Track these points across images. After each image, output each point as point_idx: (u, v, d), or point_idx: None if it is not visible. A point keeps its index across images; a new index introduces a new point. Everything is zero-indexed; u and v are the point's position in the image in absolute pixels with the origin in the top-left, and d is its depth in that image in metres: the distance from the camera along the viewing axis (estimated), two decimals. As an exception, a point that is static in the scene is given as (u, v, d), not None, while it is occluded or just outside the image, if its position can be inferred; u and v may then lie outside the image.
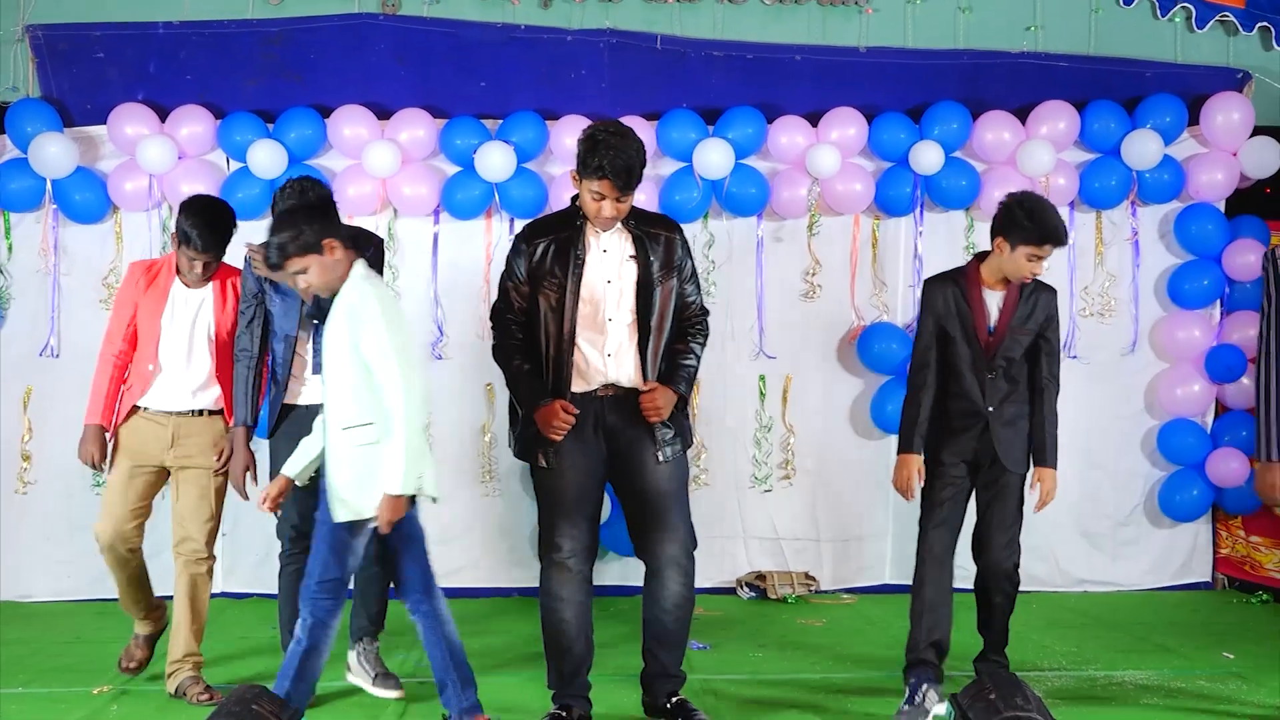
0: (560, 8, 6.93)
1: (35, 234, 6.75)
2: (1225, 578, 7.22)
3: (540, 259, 4.47)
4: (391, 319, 4.08)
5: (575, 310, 4.43)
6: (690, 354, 4.59)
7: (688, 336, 4.61)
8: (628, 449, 4.48)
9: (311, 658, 4.12)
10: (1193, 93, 7.02)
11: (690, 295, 4.61)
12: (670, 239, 4.54)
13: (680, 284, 4.55)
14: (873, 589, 7.09)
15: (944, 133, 6.84)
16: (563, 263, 4.44)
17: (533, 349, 4.50)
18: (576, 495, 4.46)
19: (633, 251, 4.48)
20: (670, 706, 4.55)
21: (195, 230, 4.88)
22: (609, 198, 4.35)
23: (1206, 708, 4.89)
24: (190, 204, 5.00)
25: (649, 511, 4.50)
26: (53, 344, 6.71)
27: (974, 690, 3.83)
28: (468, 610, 6.55)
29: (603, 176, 4.31)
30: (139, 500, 5.05)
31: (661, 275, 4.48)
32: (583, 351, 4.45)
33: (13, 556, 6.74)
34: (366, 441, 4.06)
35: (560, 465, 4.43)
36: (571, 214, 4.54)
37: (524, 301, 4.51)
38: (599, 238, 4.49)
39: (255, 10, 6.83)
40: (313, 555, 4.24)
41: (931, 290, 5.02)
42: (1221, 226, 7.00)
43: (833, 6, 7.02)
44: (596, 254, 4.47)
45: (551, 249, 4.47)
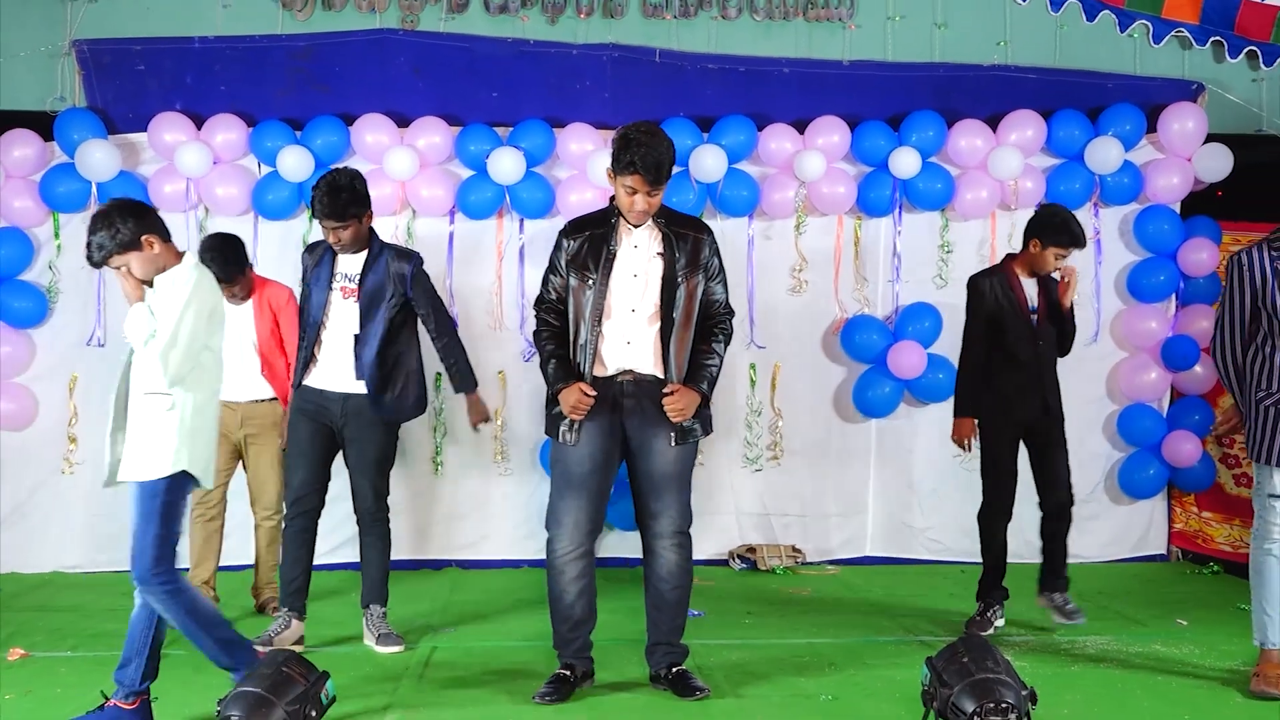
0: (566, 24, 6.93)
1: (82, 233, 6.61)
2: (1179, 550, 7.24)
3: (577, 251, 4.50)
4: (199, 308, 4.00)
5: (603, 299, 4.45)
6: (713, 354, 4.57)
7: (711, 337, 4.58)
8: (640, 432, 4.49)
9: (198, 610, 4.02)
10: (1151, 103, 7.03)
11: (716, 293, 4.59)
12: (699, 239, 4.54)
13: (706, 282, 4.54)
14: (854, 560, 7.11)
15: (921, 140, 6.84)
16: (595, 256, 4.47)
17: (565, 335, 4.53)
18: (588, 472, 4.47)
19: (660, 249, 4.49)
20: (671, 677, 4.56)
21: (212, 265, 5.12)
22: (640, 192, 4.37)
23: (1162, 670, 4.91)
24: (206, 245, 5.55)
25: (652, 490, 4.52)
26: (98, 334, 6.72)
27: (948, 654, 3.85)
28: (480, 580, 6.60)
29: (634, 171, 4.33)
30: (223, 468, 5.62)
31: (686, 272, 4.48)
32: (606, 338, 4.46)
33: (60, 531, 6.75)
34: (165, 409, 3.98)
35: (577, 443, 4.45)
36: (609, 212, 4.56)
37: (562, 291, 4.53)
38: (631, 234, 4.50)
39: (285, 26, 6.84)
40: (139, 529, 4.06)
41: (978, 283, 5.61)
42: (1177, 227, 7.00)
43: (818, 23, 7.02)
44: (627, 249, 4.49)
45: (587, 243, 4.50)
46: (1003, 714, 3.59)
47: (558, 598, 4.54)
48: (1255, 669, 4.61)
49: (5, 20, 6.73)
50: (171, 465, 3.99)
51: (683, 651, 4.64)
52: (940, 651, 3.90)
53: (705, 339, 4.58)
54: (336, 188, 4.96)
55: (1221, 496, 7.15)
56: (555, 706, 4.38)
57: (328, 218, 4.96)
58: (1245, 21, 6.94)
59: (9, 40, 6.75)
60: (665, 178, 4.40)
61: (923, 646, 4.98)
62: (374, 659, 5.04)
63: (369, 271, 5.09)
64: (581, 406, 4.41)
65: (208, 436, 4.11)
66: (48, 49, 6.76)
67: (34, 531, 6.74)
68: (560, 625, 4.56)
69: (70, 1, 6.74)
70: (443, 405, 6.88)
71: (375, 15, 6.85)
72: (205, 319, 4.05)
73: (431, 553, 6.90)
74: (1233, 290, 4.58)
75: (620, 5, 6.93)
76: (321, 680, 3.71)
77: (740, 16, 6.99)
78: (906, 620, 5.76)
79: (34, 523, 6.74)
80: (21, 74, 6.76)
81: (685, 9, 6.96)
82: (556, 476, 4.56)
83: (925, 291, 7.06)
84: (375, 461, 5.19)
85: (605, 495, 4.56)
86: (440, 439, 6.90)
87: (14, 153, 6.59)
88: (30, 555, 6.72)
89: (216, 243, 5.59)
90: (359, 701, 4.33)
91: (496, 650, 5.14)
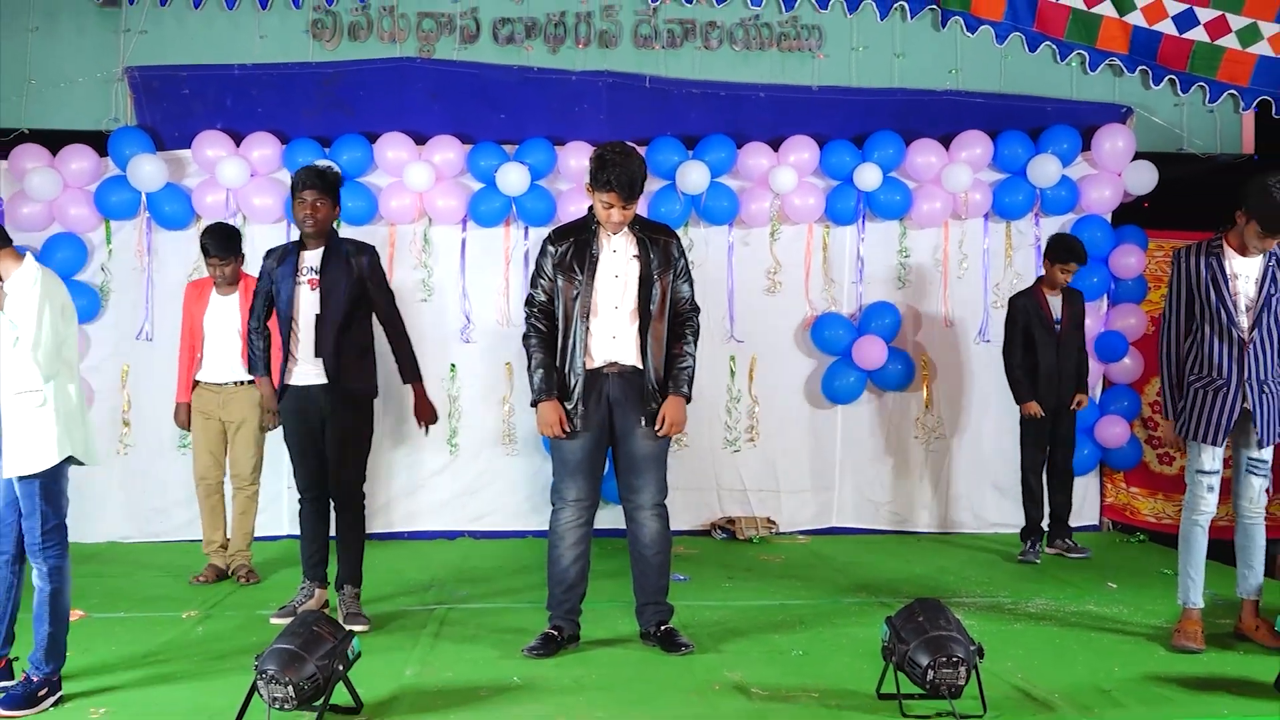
0: (566, 53, 6.92)
1: (132, 239, 6.73)
2: (1110, 521, 7.25)
3: (562, 256, 4.47)
4: (53, 305, 3.82)
5: (589, 299, 4.43)
6: (686, 356, 4.53)
7: (681, 338, 4.54)
8: (623, 419, 4.48)
9: (60, 598, 3.88)
10: (1085, 124, 7.04)
11: (682, 291, 4.56)
12: (668, 242, 4.54)
13: (674, 280, 4.52)
14: (822, 531, 7.10)
15: (882, 157, 6.84)
16: (580, 259, 4.45)
17: (552, 337, 4.50)
18: (582, 457, 4.47)
19: (636, 252, 4.47)
20: (659, 634, 4.56)
21: (210, 242, 5.62)
22: (616, 206, 4.37)
23: (1095, 627, 4.91)
24: (206, 229, 5.79)
25: (633, 469, 4.51)
26: (147, 329, 6.70)
27: (905, 614, 3.84)
28: (489, 549, 6.59)
29: (610, 189, 4.32)
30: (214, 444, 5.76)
31: (660, 271, 4.46)
32: (593, 334, 4.45)
33: (114, 506, 6.74)
34: (36, 405, 3.80)
35: (573, 432, 4.44)
36: (588, 220, 4.54)
37: (549, 293, 4.50)
38: (610, 240, 4.48)
39: (314, 55, 6.82)
40: (27, 514, 3.84)
41: (1015, 303, 6.36)
42: (1108, 234, 7.01)
43: (790, 53, 7.02)
44: (608, 253, 4.47)
45: (572, 248, 4.47)
46: (954, 667, 3.60)
47: (555, 562, 4.54)
48: (1177, 626, 4.63)
49: (66, 49, 6.72)
50: (57, 455, 3.84)
51: (669, 610, 4.63)
52: (898, 611, 3.90)
53: (677, 340, 4.54)
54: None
55: (1147, 474, 7.17)
56: (554, 659, 4.39)
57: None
58: (1166, 53, 6.96)
59: (69, 67, 6.73)
60: (638, 192, 4.39)
61: (883, 607, 4.98)
62: (395, 620, 5.03)
63: (329, 261, 4.87)
64: (558, 428, 4.41)
65: (80, 418, 3.94)
66: (103, 75, 6.75)
67: (90, 506, 6.69)
68: (555, 588, 4.56)
69: (124, 33, 6.72)
70: (459, 392, 6.88)
71: (395, 45, 6.84)
72: (60, 314, 3.86)
73: (447, 524, 6.89)
74: (1174, 287, 4.60)
75: (614, 36, 6.93)
76: (348, 638, 3.70)
77: (721, 47, 6.99)
78: (869, 584, 5.76)
79: (90, 499, 6.69)
80: (80, 97, 6.74)
81: (672, 40, 6.95)
82: (556, 461, 4.56)
83: (886, 292, 7.07)
84: (349, 444, 4.93)
85: (600, 474, 4.57)
86: (455, 423, 6.89)
87: (72, 166, 6.56)
88: (87, 527, 6.67)
89: (217, 227, 5.74)
90: (381, 657, 4.32)
91: (503, 612, 5.14)
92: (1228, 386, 4.47)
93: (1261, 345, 4.45)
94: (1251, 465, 4.55)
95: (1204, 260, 4.49)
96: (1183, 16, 6.87)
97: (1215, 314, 4.47)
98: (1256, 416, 4.46)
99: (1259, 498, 4.57)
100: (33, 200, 6.53)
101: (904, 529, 7.15)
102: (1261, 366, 4.46)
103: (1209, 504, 4.56)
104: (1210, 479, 4.54)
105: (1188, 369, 4.58)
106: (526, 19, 6.89)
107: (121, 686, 4.05)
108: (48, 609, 3.85)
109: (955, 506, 7.17)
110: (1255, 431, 4.49)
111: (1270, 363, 4.47)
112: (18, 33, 6.68)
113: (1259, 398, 4.46)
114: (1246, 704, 3.86)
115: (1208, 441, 4.51)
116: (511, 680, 4.12)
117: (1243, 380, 4.45)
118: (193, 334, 5.77)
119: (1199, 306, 4.52)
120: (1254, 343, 4.44)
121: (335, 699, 3.63)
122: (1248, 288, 4.46)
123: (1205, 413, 4.50)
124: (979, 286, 7.11)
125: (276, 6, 6.75)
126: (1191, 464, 4.59)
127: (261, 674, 3.49)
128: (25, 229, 6.61)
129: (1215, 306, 4.47)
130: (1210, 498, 4.56)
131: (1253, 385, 4.46)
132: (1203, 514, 4.56)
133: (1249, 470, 4.55)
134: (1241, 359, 4.45)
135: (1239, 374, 4.45)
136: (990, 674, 3.97)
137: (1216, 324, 4.47)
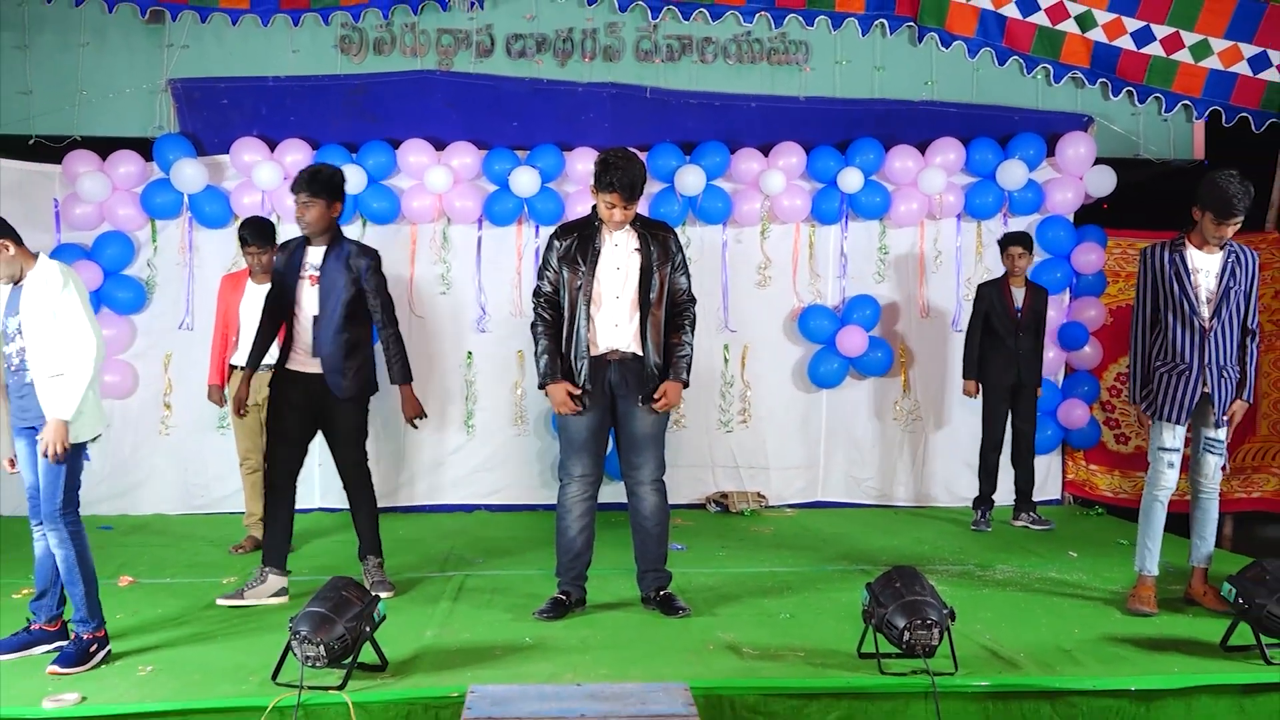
0: (574, 66, 6.89)
1: (175, 236, 6.72)
2: (1071, 496, 7.25)
3: (567, 250, 4.45)
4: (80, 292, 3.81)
5: (592, 290, 4.41)
6: (684, 345, 4.50)
7: (680, 329, 4.50)
8: (624, 403, 4.47)
9: (85, 559, 3.86)
10: (1050, 132, 7.01)
11: (680, 283, 4.52)
12: (666, 237, 4.51)
13: (672, 272, 4.50)
14: (807, 505, 7.10)
15: (863, 161, 6.82)
16: (584, 252, 4.43)
17: (557, 325, 4.48)
18: (587, 436, 4.47)
19: (637, 245, 4.45)
20: (658, 598, 4.56)
21: (249, 233, 5.61)
22: (618, 206, 4.34)
23: (1056, 592, 4.93)
24: (245, 221, 5.79)
25: (633, 447, 4.50)
26: (188, 320, 6.69)
27: (883, 580, 3.85)
28: (503, 521, 6.60)
29: (614, 190, 4.30)
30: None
31: (659, 264, 4.44)
32: (596, 323, 4.43)
33: (157, 482, 6.74)
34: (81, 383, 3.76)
35: (580, 411, 4.43)
36: (591, 218, 4.52)
37: (554, 284, 4.48)
38: (611, 235, 4.46)
39: (342, 67, 6.79)
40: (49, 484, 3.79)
41: (981, 290, 6.44)
42: (1071, 233, 6.99)
43: (779, 66, 6.99)
44: (609, 248, 4.45)
45: (576, 242, 4.45)
46: (928, 629, 3.60)
47: (563, 533, 4.54)
48: (1132, 591, 4.64)
49: (115, 63, 6.70)
50: (89, 433, 3.86)
51: (667, 576, 4.64)
52: (877, 578, 3.91)
53: (675, 330, 4.51)
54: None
55: (1105, 452, 7.16)
56: (563, 621, 4.40)
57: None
58: (1125, 67, 6.95)
59: (117, 79, 6.70)
60: (639, 194, 4.36)
61: (863, 574, 4.99)
62: (418, 584, 5.04)
63: (328, 260, 4.75)
64: (570, 405, 4.38)
65: (96, 395, 3.91)
66: (148, 86, 6.72)
67: (137, 482, 6.73)
68: (563, 556, 4.56)
69: (167, 47, 6.69)
70: (475, 377, 6.88)
71: (417, 59, 6.82)
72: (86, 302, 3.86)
73: (465, 498, 6.89)
74: (1142, 282, 4.61)
75: (618, 51, 6.90)
76: (374, 602, 3.71)
77: (716, 60, 6.96)
78: (850, 553, 5.76)
79: (137, 475, 6.73)
80: (127, 106, 6.72)
81: (671, 54, 6.92)
82: (563, 440, 4.54)
83: (867, 285, 7.05)
84: (350, 434, 4.82)
85: (603, 453, 4.56)
86: (472, 405, 6.89)
87: (120, 170, 6.55)
88: (134, 501, 6.71)
89: (255, 220, 5.75)
90: (405, 619, 4.34)
91: (515, 579, 5.15)
92: (1190, 371, 4.48)
93: (1221, 334, 4.46)
94: (1209, 444, 4.56)
95: (1168, 256, 4.50)
96: (1140, 33, 6.86)
97: (1179, 305, 4.48)
98: (1215, 399, 4.49)
99: (1214, 474, 4.58)
100: (84, 202, 6.52)
101: (883, 503, 7.16)
102: (1220, 353, 4.47)
103: (1170, 480, 4.56)
104: (1172, 456, 4.54)
105: (1154, 355, 4.59)
106: (537, 35, 6.87)
107: (167, 646, 4.07)
108: (77, 571, 3.84)
109: (930, 482, 7.18)
110: (1214, 413, 4.50)
111: (1229, 350, 4.49)
112: (70, 48, 6.67)
113: (1218, 381, 4.48)
114: (1195, 663, 3.87)
115: (1171, 421, 4.51)
116: (524, 640, 4.13)
117: (1204, 365, 4.47)
118: (226, 322, 5.75)
119: (1164, 299, 4.53)
120: (1214, 331, 4.45)
121: (363, 657, 3.64)
122: (1209, 281, 4.46)
123: (1169, 394, 4.50)
124: (952, 280, 7.10)
125: (307, 23, 6.73)
126: (1154, 442, 4.60)
127: (295, 635, 3.50)
128: (78, 228, 6.61)
129: (1179, 298, 4.47)
130: (1171, 474, 4.56)
131: (1212, 370, 4.47)
132: (1163, 489, 4.56)
133: (1206, 449, 4.56)
134: (1203, 346, 4.46)
135: (1200, 360, 4.47)
136: (961, 635, 3.99)
137: (1180, 314, 4.48)
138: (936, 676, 3.55)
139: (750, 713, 3.49)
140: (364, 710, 3.40)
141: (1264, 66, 6.81)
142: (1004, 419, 6.44)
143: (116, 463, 6.69)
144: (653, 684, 3.41)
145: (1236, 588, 3.97)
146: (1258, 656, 3.84)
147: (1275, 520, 6.97)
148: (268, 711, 3.35)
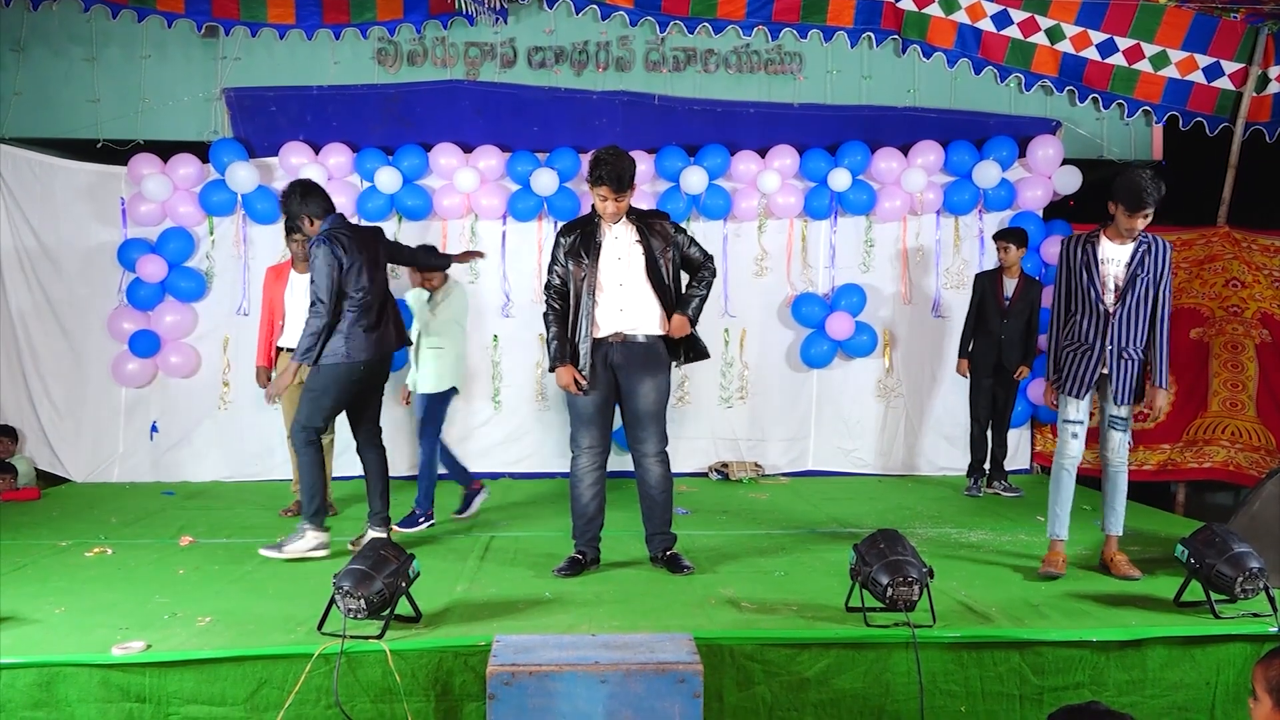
0: (589, 76, 6.86)
1: (230, 231, 6.72)
2: (1039, 466, 7.23)
3: (572, 245, 4.42)
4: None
5: (595, 279, 4.38)
6: (696, 287, 4.45)
7: (697, 280, 4.48)
8: (627, 380, 4.43)
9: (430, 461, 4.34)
10: (1022, 135, 6.96)
11: (694, 252, 4.47)
12: (661, 224, 4.46)
13: (682, 250, 4.45)
14: (800, 473, 7.10)
15: (851, 162, 6.78)
16: (586, 246, 4.39)
17: (565, 313, 4.45)
18: (593, 411, 4.43)
19: (637, 237, 4.41)
20: (665, 558, 4.56)
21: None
22: (610, 198, 4.31)
23: (1025, 554, 4.90)
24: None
25: (638, 422, 4.47)
26: (244, 306, 6.70)
27: (869, 542, 3.83)
28: (526, 487, 6.61)
29: (603, 183, 4.27)
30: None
31: (661, 250, 4.41)
32: (600, 307, 4.41)
33: (219, 453, 6.78)
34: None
35: (585, 389, 4.41)
36: (591, 215, 4.49)
37: (562, 277, 4.46)
38: (611, 229, 4.43)
39: (379, 78, 6.78)
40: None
41: (977, 279, 6.45)
42: (1040, 228, 6.94)
43: (776, 75, 6.94)
44: (610, 240, 4.41)
45: (579, 237, 4.42)
46: (909, 586, 3.59)
47: (576, 499, 4.52)
48: (1044, 556, 4.55)
49: (174, 73, 6.70)
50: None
51: (673, 538, 4.63)
52: (863, 540, 3.89)
53: (694, 283, 4.48)
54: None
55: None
56: (579, 578, 4.40)
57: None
58: (1090, 75, 6.89)
59: (176, 88, 6.71)
60: (628, 185, 4.31)
61: (850, 536, 4.98)
62: (449, 544, 5.05)
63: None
64: (573, 386, 4.37)
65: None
66: (204, 94, 6.72)
67: (197, 452, 6.76)
68: (577, 520, 4.55)
69: (221, 59, 6.70)
70: (500, 358, 6.87)
71: (447, 69, 6.80)
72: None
73: (492, 467, 6.89)
74: (1059, 269, 4.55)
75: (628, 62, 6.86)
76: (409, 560, 3.71)
77: (718, 70, 6.91)
78: (838, 517, 5.76)
79: (198, 445, 6.76)
80: (185, 113, 6.72)
81: (677, 65, 6.88)
82: (572, 415, 4.52)
83: (854, 275, 7.02)
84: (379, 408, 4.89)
85: (609, 426, 4.53)
86: (498, 384, 6.89)
87: (179, 171, 6.55)
88: (195, 468, 6.75)
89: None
90: (437, 576, 4.34)
91: (536, 539, 5.15)
92: (1091, 351, 4.42)
93: (1124, 319, 4.37)
94: (1112, 421, 4.48)
95: (1080, 248, 4.45)
96: (1104, 44, 6.80)
97: (1086, 292, 4.42)
98: (1113, 378, 4.42)
99: (1119, 448, 4.49)
100: (148, 200, 6.53)
101: (868, 472, 7.15)
102: (1122, 336, 4.39)
103: (1074, 449, 4.48)
104: (1075, 427, 4.47)
105: (1063, 337, 4.53)
106: (555, 47, 6.83)
107: (223, 599, 4.07)
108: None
109: (911, 453, 7.16)
110: (1112, 391, 4.45)
111: (1132, 334, 4.39)
112: (133, 60, 6.67)
113: (1116, 362, 4.40)
114: (1151, 616, 3.85)
115: (1072, 395, 4.45)
116: (544, 595, 4.14)
117: (1104, 347, 4.40)
118: (271, 310, 5.69)
119: (1074, 285, 4.47)
120: (1117, 316, 4.37)
121: (399, 610, 3.64)
122: (1117, 270, 4.37)
123: (1072, 371, 4.45)
124: (932, 271, 7.06)
125: (347, 37, 6.71)
126: (1060, 414, 4.54)
127: (338, 589, 3.50)
128: (143, 224, 6.62)
129: (1086, 285, 4.41)
130: (1075, 444, 4.48)
131: (1112, 352, 4.40)
132: (1069, 459, 4.48)
133: (1110, 425, 4.48)
134: (1105, 329, 4.39)
135: (1102, 342, 4.40)
136: (939, 591, 3.98)
137: (1086, 300, 4.42)
138: (917, 628, 3.54)
139: (748, 660, 3.49)
140: (400, 657, 3.41)
141: (1217, 75, 6.77)
142: (988, 396, 6.42)
143: (181, 435, 6.71)
144: (660, 634, 3.42)
145: (1189, 549, 3.94)
146: (1207, 611, 3.82)
147: (1224, 488, 6.94)
148: (314, 658, 3.36)
